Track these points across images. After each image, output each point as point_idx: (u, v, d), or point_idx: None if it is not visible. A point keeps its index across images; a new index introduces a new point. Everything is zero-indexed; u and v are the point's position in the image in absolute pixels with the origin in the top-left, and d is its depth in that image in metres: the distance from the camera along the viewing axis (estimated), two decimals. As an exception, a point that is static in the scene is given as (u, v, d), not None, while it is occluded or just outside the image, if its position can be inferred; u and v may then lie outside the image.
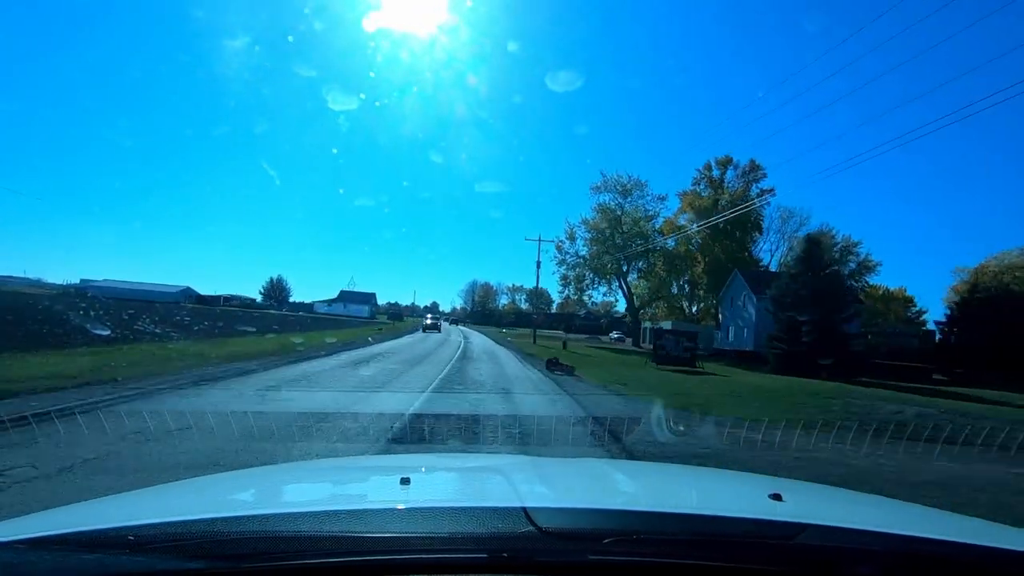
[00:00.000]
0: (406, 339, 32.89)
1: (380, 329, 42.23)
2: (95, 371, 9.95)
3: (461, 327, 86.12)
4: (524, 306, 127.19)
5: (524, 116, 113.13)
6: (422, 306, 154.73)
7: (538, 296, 45.00)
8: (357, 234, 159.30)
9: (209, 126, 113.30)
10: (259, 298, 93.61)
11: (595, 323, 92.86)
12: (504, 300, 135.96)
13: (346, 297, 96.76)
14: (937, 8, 44.10)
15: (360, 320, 65.31)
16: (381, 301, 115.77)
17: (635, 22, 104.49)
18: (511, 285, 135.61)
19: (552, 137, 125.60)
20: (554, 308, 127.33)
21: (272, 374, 12.63)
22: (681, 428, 8.08)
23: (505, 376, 15.77)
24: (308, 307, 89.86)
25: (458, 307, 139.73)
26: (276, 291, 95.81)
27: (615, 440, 7.15)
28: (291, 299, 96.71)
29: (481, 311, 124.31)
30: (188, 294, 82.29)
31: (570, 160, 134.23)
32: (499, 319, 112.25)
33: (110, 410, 6.93)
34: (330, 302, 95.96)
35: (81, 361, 11.03)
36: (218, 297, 79.25)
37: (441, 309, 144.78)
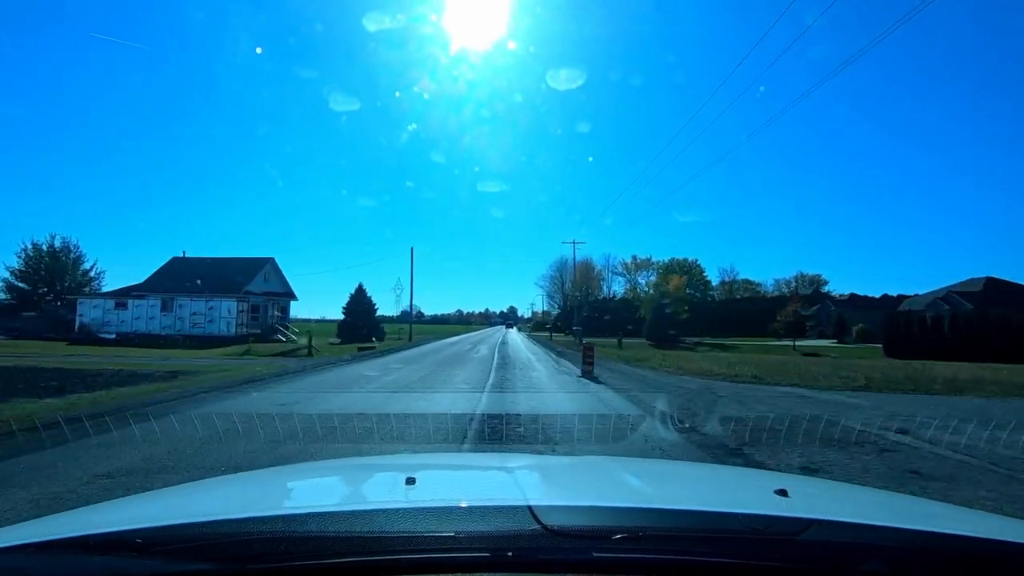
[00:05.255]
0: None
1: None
2: None
3: (506, 332, 55.21)
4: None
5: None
6: (497, 312, 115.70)
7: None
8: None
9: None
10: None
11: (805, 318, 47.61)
12: (620, 285, 75.90)
13: (176, 274, 38.64)
14: None
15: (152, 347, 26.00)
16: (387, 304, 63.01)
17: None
18: (632, 259, 73.70)
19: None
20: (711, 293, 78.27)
21: None
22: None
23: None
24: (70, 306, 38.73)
25: (538, 311, 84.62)
26: (45, 277, 47.42)
27: None
28: (102, 287, 47.80)
29: (587, 306, 62.41)
30: None
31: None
32: (634, 321, 50.77)
33: None
34: (141, 291, 37.50)
35: None
36: None
37: (520, 314, 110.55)
